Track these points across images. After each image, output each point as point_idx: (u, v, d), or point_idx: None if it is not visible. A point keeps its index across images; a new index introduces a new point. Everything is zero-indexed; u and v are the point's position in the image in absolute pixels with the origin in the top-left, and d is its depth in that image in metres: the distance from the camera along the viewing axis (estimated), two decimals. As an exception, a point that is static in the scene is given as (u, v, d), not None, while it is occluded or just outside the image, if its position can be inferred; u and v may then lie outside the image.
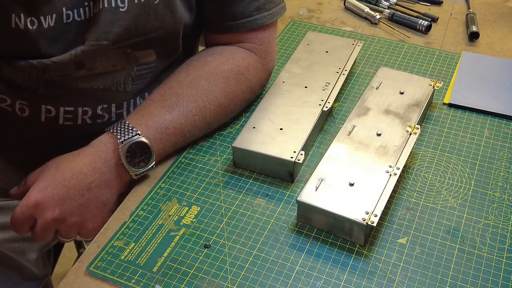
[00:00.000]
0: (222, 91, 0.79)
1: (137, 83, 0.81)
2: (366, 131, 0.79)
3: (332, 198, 0.68)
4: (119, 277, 0.65)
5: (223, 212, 0.73)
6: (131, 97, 0.82)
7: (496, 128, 0.87)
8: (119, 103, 0.81)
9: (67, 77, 0.75)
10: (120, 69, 0.77)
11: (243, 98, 0.83)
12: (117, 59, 0.76)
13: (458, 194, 0.76)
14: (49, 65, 0.72)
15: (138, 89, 0.82)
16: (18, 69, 0.73)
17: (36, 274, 0.93)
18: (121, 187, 0.74)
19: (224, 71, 0.80)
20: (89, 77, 0.76)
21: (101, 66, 0.76)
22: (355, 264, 0.67)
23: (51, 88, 0.76)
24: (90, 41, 0.72)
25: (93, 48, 0.72)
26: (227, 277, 0.65)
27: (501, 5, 1.22)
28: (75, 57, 0.72)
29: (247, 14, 0.81)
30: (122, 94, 0.80)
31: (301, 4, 1.23)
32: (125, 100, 0.81)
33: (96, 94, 0.78)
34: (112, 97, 0.80)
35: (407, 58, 1.03)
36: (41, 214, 0.68)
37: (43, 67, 0.72)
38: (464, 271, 0.66)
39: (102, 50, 0.73)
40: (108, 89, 0.78)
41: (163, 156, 0.78)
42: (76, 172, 0.69)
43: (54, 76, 0.74)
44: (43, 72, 0.73)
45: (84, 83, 0.76)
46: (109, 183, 0.71)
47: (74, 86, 0.76)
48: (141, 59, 0.79)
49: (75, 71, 0.75)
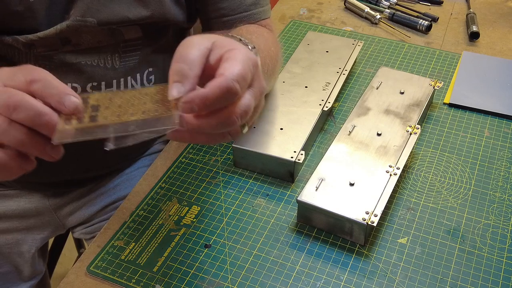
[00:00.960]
0: (272, 52, 0.78)
1: (125, 60, 0.80)
2: (366, 131, 0.79)
3: (332, 198, 0.69)
4: (120, 277, 0.65)
5: (223, 212, 0.73)
6: (121, 76, 0.81)
7: (497, 128, 0.87)
8: (109, 80, 0.80)
9: (54, 52, 0.75)
10: (105, 45, 0.77)
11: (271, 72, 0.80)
12: (103, 35, 0.76)
13: (459, 194, 0.76)
14: (35, 40, 0.72)
15: (128, 68, 0.81)
16: (6, 45, 0.73)
17: (30, 273, 0.93)
18: None
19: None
20: (75, 52, 0.76)
21: (86, 42, 0.76)
22: (355, 264, 0.67)
23: (41, 64, 0.75)
24: (76, 17, 0.72)
25: (78, 23, 0.72)
26: (227, 277, 0.65)
27: (502, 5, 1.22)
28: (61, 32, 0.72)
29: (244, 8, 0.82)
30: (111, 72, 0.80)
31: (301, 4, 1.23)
32: (115, 78, 0.81)
33: (84, 70, 0.78)
34: (101, 74, 0.79)
35: (407, 58, 1.03)
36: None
37: (30, 43, 0.72)
38: (465, 271, 0.66)
39: (87, 27, 0.73)
40: (96, 65, 0.78)
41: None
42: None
43: (42, 51, 0.74)
44: (30, 48, 0.74)
45: (71, 58, 0.76)
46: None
47: (61, 61, 0.76)
48: (127, 35, 0.79)
49: (61, 47, 0.75)
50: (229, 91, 0.49)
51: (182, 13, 0.81)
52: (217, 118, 0.51)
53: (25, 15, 0.70)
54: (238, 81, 0.49)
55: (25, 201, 0.90)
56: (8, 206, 0.90)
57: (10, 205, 0.90)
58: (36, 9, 0.70)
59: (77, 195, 0.92)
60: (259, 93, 0.54)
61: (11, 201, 0.90)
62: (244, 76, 0.50)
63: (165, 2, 0.77)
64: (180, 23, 0.82)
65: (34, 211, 0.91)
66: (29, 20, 0.71)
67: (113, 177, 0.92)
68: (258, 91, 0.53)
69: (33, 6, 0.70)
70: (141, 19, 0.76)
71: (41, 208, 0.91)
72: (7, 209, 0.89)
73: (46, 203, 0.91)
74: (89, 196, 0.92)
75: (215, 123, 0.51)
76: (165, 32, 0.84)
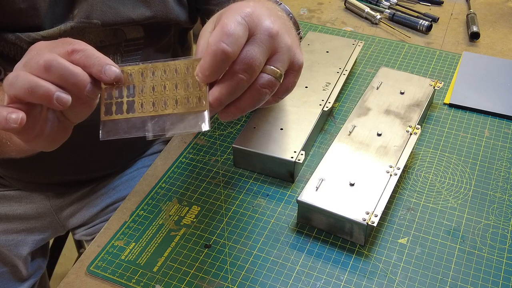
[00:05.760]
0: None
1: (127, 59, 0.80)
2: (366, 131, 0.78)
3: (332, 198, 0.68)
4: (120, 277, 0.65)
5: (223, 212, 0.73)
6: None
7: (497, 129, 0.87)
8: None
9: None
10: (108, 44, 0.77)
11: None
12: (105, 35, 0.76)
13: (459, 195, 0.76)
14: (37, 39, 0.72)
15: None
16: (9, 43, 0.73)
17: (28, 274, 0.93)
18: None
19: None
20: None
21: (89, 42, 0.76)
22: (355, 264, 0.67)
23: None
24: (80, 18, 0.72)
25: (83, 25, 0.72)
26: (228, 277, 0.65)
27: (502, 5, 1.22)
28: (64, 33, 0.72)
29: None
30: None
31: (301, 4, 1.23)
32: None
33: None
34: None
35: (407, 58, 1.03)
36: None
37: (32, 41, 0.72)
38: (465, 271, 0.66)
39: (91, 28, 0.73)
40: None
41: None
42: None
43: None
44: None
45: None
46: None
47: None
48: (129, 34, 0.79)
49: None
50: (216, 53, 0.49)
51: (184, 13, 0.81)
52: (224, 82, 0.51)
53: (28, 12, 0.70)
54: (222, 40, 0.49)
55: (26, 202, 0.90)
56: (9, 207, 0.90)
57: (11, 206, 0.90)
58: (40, 6, 0.70)
59: (78, 196, 0.92)
60: (267, 36, 0.52)
61: (12, 202, 0.90)
62: (227, 32, 0.49)
63: (168, 2, 0.77)
64: (182, 23, 0.82)
65: (35, 213, 0.91)
66: (32, 18, 0.71)
67: (113, 178, 0.92)
68: (265, 36, 0.52)
69: (37, 4, 0.70)
70: (144, 19, 0.76)
71: (42, 210, 0.91)
72: (7, 210, 0.89)
73: (47, 204, 0.91)
74: (90, 197, 0.92)
75: (227, 88, 0.51)
76: (167, 32, 0.84)
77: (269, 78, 0.53)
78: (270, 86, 0.53)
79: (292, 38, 0.55)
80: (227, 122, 0.86)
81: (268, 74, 0.53)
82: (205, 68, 0.50)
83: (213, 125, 0.87)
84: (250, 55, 0.51)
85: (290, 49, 0.54)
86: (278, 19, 0.54)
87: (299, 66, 0.57)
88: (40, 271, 0.97)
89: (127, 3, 0.74)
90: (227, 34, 0.49)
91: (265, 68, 0.53)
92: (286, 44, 0.54)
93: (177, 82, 0.53)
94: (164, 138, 0.99)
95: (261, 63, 0.52)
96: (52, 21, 0.72)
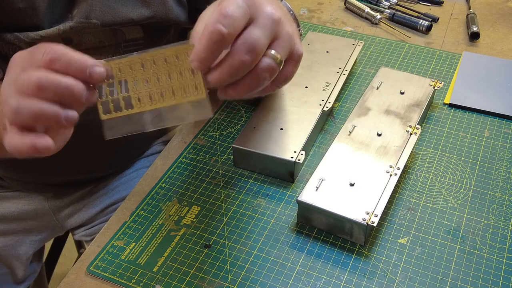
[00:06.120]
0: None
1: None
2: (366, 131, 0.78)
3: (332, 198, 0.68)
4: (120, 277, 0.65)
5: (223, 212, 0.73)
6: None
7: (497, 129, 0.87)
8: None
9: None
10: (107, 44, 0.77)
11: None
12: (105, 36, 0.76)
13: (459, 195, 0.76)
14: (37, 39, 0.71)
15: None
16: (8, 43, 0.73)
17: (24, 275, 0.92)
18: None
19: None
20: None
21: (88, 42, 0.76)
22: (355, 264, 0.67)
23: None
24: (79, 18, 0.72)
25: (82, 25, 0.72)
26: (228, 277, 0.65)
27: (502, 5, 1.22)
28: (63, 33, 0.72)
29: None
30: None
31: (301, 4, 1.23)
32: None
33: None
34: None
35: (407, 58, 1.03)
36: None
37: (32, 42, 0.72)
38: (465, 272, 0.66)
39: (90, 28, 0.73)
40: None
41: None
42: None
43: None
44: (31, 46, 0.74)
45: None
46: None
47: None
48: (128, 35, 0.79)
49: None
50: (212, 34, 0.48)
51: (184, 13, 0.81)
52: (225, 62, 0.50)
53: (27, 12, 0.70)
54: (219, 21, 0.48)
55: (24, 203, 0.90)
56: (7, 208, 0.89)
57: (9, 207, 0.90)
58: (38, 6, 0.70)
59: (76, 196, 0.91)
60: (269, 21, 0.51)
61: (10, 202, 0.90)
62: (225, 14, 0.48)
63: (168, 2, 0.77)
64: (182, 23, 0.82)
65: (33, 213, 0.91)
66: (31, 18, 0.71)
67: (113, 179, 0.92)
68: (267, 21, 0.51)
69: (35, 4, 0.70)
70: (143, 20, 0.76)
71: (40, 210, 0.91)
72: (6, 211, 0.89)
73: (45, 205, 0.91)
74: (89, 198, 0.91)
75: (228, 68, 0.50)
76: (167, 32, 0.84)
77: (269, 62, 0.52)
78: (270, 71, 0.52)
79: (293, 28, 0.55)
80: (227, 122, 0.86)
81: (269, 58, 0.52)
82: (200, 51, 0.49)
83: (213, 125, 0.87)
84: (254, 36, 0.50)
85: (291, 37, 0.54)
86: (279, 8, 0.54)
87: (298, 56, 0.56)
88: (34, 275, 0.97)
89: (126, 3, 0.74)
90: (224, 15, 0.48)
91: (266, 52, 0.52)
92: (288, 32, 0.53)
93: (169, 72, 0.52)
94: (164, 138, 0.99)
95: (264, 46, 0.51)
96: (51, 21, 0.72)
